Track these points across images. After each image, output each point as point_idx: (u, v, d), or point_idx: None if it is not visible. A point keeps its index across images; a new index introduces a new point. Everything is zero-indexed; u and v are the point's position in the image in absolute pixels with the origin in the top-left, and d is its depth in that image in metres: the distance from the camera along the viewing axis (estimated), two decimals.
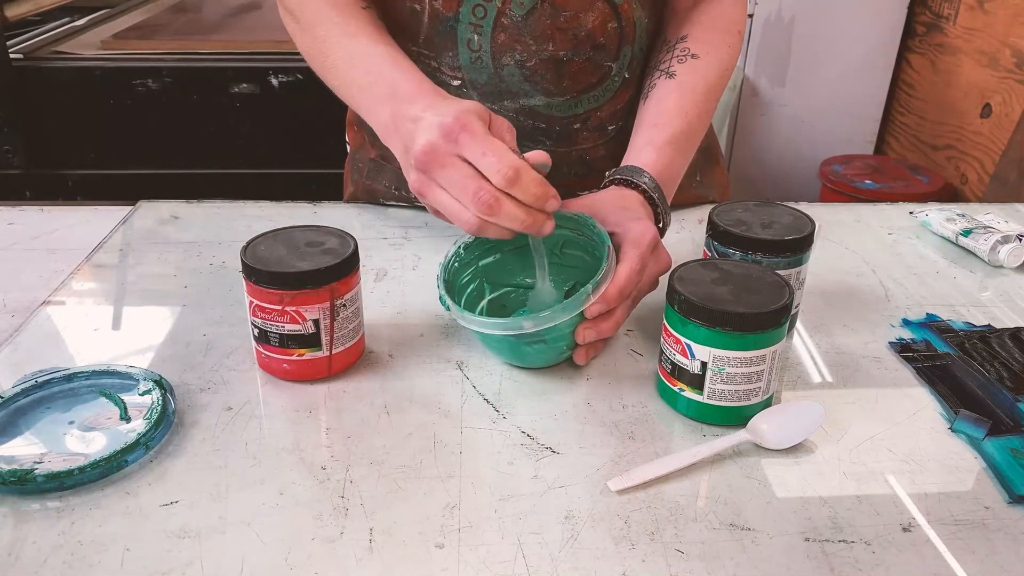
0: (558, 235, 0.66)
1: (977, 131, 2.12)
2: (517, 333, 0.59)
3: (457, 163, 0.58)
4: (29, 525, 0.49)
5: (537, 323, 0.58)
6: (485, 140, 0.57)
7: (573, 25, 0.78)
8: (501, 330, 0.59)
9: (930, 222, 0.90)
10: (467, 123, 0.58)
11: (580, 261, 0.67)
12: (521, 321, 0.58)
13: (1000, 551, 0.49)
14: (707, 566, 0.47)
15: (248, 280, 0.60)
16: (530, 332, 0.59)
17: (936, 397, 0.63)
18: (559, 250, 0.67)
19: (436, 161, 0.59)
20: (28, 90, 1.75)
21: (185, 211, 0.91)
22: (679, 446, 0.57)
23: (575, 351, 0.63)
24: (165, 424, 0.56)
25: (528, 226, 0.59)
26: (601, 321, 0.61)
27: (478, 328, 0.60)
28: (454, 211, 0.60)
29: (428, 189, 0.61)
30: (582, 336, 0.61)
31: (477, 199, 0.57)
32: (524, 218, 0.58)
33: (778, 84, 2.39)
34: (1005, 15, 2.02)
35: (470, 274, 0.67)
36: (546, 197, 0.58)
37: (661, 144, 0.74)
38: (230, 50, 1.84)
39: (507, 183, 0.56)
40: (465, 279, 0.66)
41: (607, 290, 0.60)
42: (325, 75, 0.75)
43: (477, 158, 0.57)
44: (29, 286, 0.76)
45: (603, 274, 0.59)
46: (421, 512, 0.51)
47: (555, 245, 0.67)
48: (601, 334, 0.62)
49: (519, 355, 0.63)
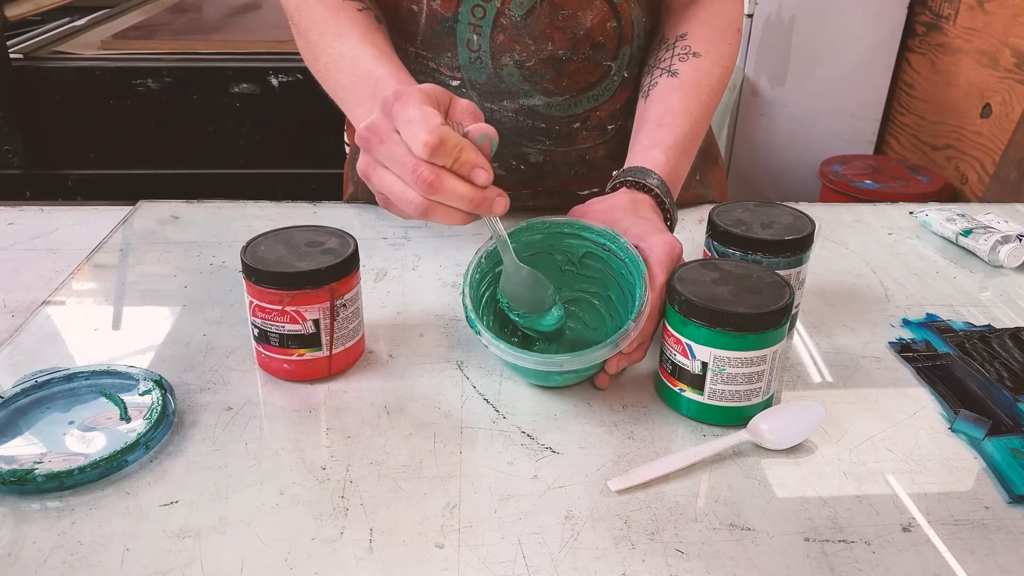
0: (579, 246, 0.66)
1: (977, 131, 2.12)
2: (556, 371, 0.59)
3: (396, 138, 0.54)
4: (29, 525, 0.49)
5: (576, 362, 0.57)
6: (414, 108, 0.53)
7: (572, 24, 0.78)
8: (539, 365, 0.58)
9: (930, 222, 0.90)
10: (404, 94, 0.54)
11: (599, 273, 0.66)
12: (561, 359, 0.57)
13: (1000, 551, 0.49)
14: (707, 566, 0.47)
15: (248, 280, 0.60)
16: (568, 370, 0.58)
17: (936, 397, 0.63)
18: (578, 260, 0.67)
19: (376, 136, 0.55)
20: (28, 90, 1.75)
21: (185, 211, 0.91)
22: (679, 446, 0.57)
23: (599, 376, 0.62)
24: (165, 424, 0.56)
25: (476, 205, 0.55)
26: (634, 351, 0.61)
27: (515, 361, 0.58)
28: (397, 192, 0.56)
29: (372, 170, 0.57)
30: (615, 367, 0.61)
31: (416, 175, 0.53)
32: (470, 195, 0.54)
33: (778, 84, 2.39)
34: (1005, 15, 2.02)
35: (487, 283, 0.65)
36: (471, 165, 0.54)
37: (669, 145, 0.74)
38: (230, 50, 1.84)
39: (429, 151, 0.52)
40: (484, 288, 0.65)
41: (644, 327, 0.59)
42: (319, 78, 0.75)
43: (403, 127, 0.53)
44: (29, 286, 0.76)
45: (642, 311, 0.58)
46: (421, 512, 0.51)
47: (574, 255, 0.67)
48: (631, 362, 0.62)
49: (546, 380, 0.62)
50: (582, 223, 0.65)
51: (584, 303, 0.69)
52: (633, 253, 0.62)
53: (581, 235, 0.65)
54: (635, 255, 0.61)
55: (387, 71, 0.67)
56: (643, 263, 0.61)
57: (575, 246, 0.66)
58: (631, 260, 0.62)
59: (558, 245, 0.67)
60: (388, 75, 0.66)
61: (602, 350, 0.57)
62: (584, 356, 0.57)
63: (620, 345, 0.58)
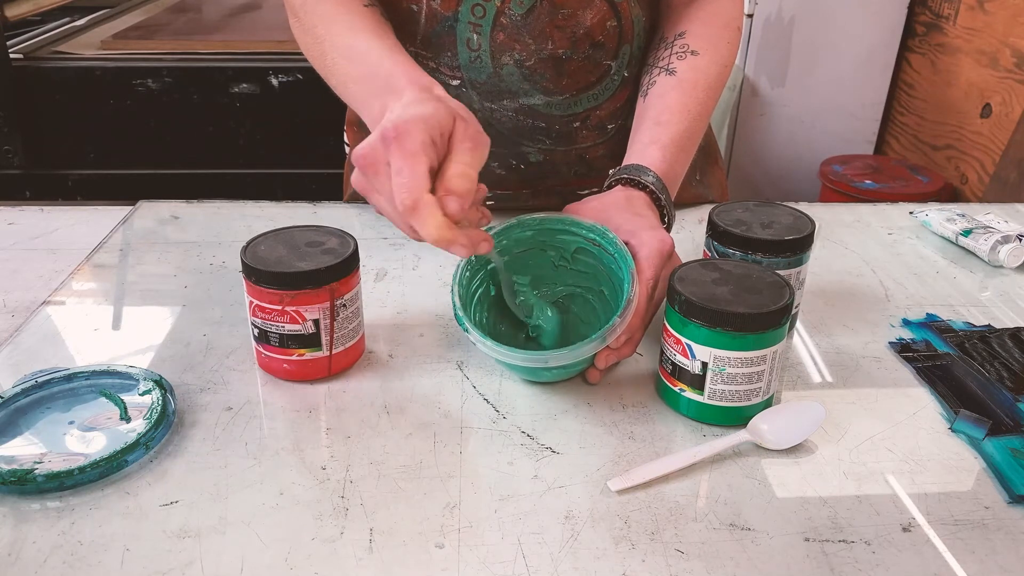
0: (571, 242, 0.66)
1: (977, 131, 2.12)
2: (542, 367, 0.59)
3: (387, 171, 0.55)
4: (29, 525, 0.49)
5: (563, 358, 0.58)
6: (405, 158, 0.53)
7: (572, 23, 0.78)
8: (525, 362, 0.59)
9: (930, 222, 0.90)
10: (403, 133, 0.54)
11: (591, 268, 0.67)
12: (547, 356, 0.58)
13: (1000, 551, 0.49)
14: (707, 566, 0.47)
15: (248, 280, 0.60)
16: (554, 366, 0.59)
17: (936, 397, 0.63)
18: (570, 255, 0.67)
19: (371, 166, 0.56)
20: (28, 90, 1.75)
21: (185, 211, 0.91)
22: (679, 446, 0.57)
23: (589, 371, 0.63)
24: (165, 424, 0.56)
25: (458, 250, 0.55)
26: (623, 346, 0.61)
27: (501, 358, 0.59)
28: (391, 217, 0.57)
29: (367, 191, 0.58)
30: (604, 362, 0.61)
31: (400, 221, 0.55)
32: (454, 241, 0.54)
33: (778, 84, 2.39)
34: (1005, 15, 2.02)
35: (480, 279, 0.66)
36: (445, 242, 0.54)
37: (666, 143, 0.74)
38: (230, 50, 1.84)
39: (404, 211, 0.53)
40: (475, 285, 0.66)
41: (631, 321, 0.60)
42: (325, 74, 0.75)
43: (394, 174, 0.54)
44: (29, 286, 0.76)
45: (628, 305, 0.59)
46: (421, 512, 0.51)
47: (567, 251, 0.67)
48: (620, 357, 0.62)
49: (536, 376, 0.63)
50: (572, 219, 0.65)
51: (577, 298, 0.69)
52: (622, 248, 0.62)
53: (572, 231, 0.66)
54: (624, 250, 0.62)
55: (400, 67, 0.65)
56: (631, 258, 0.61)
57: (567, 242, 0.67)
58: (620, 255, 0.62)
59: (550, 241, 0.67)
60: (401, 72, 0.65)
61: (588, 345, 0.58)
62: (571, 351, 0.58)
63: (607, 339, 0.58)
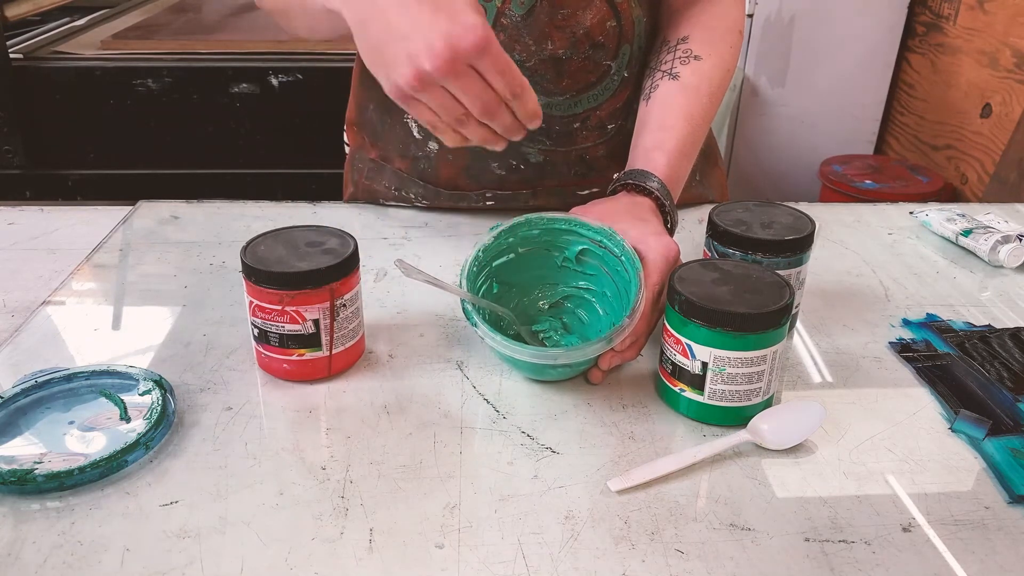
0: (576, 242, 0.66)
1: (977, 131, 2.12)
2: (549, 363, 0.59)
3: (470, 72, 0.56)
4: (29, 525, 0.49)
5: (572, 356, 0.58)
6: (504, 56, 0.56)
7: (571, 23, 0.78)
8: (534, 358, 0.59)
9: (930, 222, 0.90)
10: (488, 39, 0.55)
11: (595, 270, 0.67)
12: (555, 353, 0.58)
13: (1000, 551, 0.49)
14: (707, 566, 0.47)
15: (248, 280, 0.60)
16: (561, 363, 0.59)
17: (936, 397, 0.63)
18: (575, 257, 0.67)
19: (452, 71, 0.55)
20: (28, 90, 1.75)
21: (185, 211, 0.91)
22: (679, 446, 0.57)
23: (592, 371, 0.63)
24: (165, 424, 0.56)
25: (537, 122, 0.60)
26: (627, 349, 0.62)
27: (509, 353, 0.59)
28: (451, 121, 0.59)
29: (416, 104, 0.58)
30: (607, 363, 0.61)
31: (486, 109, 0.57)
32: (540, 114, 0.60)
33: (778, 84, 2.39)
34: (1005, 15, 2.02)
35: (484, 275, 0.66)
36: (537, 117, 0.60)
37: (670, 148, 0.74)
38: (230, 50, 1.83)
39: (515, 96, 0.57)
40: (480, 282, 0.66)
41: (638, 325, 0.60)
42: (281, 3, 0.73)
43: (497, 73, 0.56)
44: (29, 286, 0.76)
45: (636, 309, 0.59)
46: (421, 512, 0.51)
47: (572, 251, 0.67)
48: (624, 360, 0.63)
49: (540, 374, 0.63)
50: (579, 220, 0.66)
51: (580, 299, 0.69)
52: (629, 250, 0.62)
53: (578, 231, 0.66)
54: (631, 252, 0.62)
55: None
56: (639, 260, 0.62)
57: (572, 242, 0.67)
58: (627, 257, 0.62)
59: (555, 241, 0.67)
60: None
61: (596, 345, 0.58)
62: (578, 350, 0.58)
63: (614, 341, 0.59)
